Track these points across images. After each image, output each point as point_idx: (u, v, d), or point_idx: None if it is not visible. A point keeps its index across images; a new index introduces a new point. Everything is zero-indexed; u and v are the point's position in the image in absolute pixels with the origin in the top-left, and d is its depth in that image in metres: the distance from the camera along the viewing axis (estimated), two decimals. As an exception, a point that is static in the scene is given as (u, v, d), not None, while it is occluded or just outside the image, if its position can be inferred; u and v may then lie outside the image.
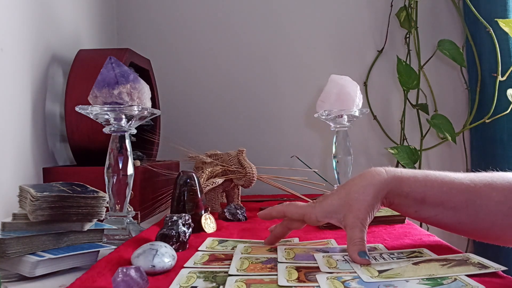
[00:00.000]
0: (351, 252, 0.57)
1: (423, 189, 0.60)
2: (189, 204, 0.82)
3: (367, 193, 0.59)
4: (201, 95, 1.50)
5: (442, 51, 1.37)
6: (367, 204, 0.59)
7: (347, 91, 0.97)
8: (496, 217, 0.58)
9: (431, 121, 1.37)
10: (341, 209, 0.61)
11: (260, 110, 1.50)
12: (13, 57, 0.90)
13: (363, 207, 0.59)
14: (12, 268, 0.57)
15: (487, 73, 1.34)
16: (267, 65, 1.50)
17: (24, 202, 0.62)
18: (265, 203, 1.11)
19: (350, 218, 0.59)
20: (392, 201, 0.62)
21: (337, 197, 0.62)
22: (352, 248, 0.57)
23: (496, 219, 0.58)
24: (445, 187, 0.60)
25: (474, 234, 0.64)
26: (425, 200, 0.60)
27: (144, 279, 0.48)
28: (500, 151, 1.30)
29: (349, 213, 0.59)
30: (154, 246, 0.57)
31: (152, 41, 1.49)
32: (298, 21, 1.50)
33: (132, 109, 0.74)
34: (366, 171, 0.62)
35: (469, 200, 0.59)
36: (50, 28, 1.07)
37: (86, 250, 0.61)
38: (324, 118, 0.99)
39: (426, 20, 1.47)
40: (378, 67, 1.49)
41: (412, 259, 0.57)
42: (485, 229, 0.60)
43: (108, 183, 0.76)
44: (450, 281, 0.47)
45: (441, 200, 0.60)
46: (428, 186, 0.60)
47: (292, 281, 0.49)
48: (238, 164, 1.00)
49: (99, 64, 0.78)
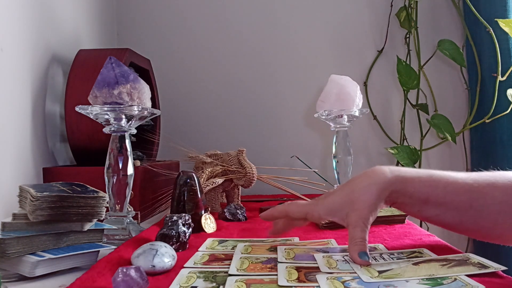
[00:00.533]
0: (351, 252, 0.57)
1: (427, 190, 0.60)
2: (189, 204, 0.82)
3: (371, 192, 0.59)
4: (201, 95, 1.50)
5: (442, 51, 1.37)
6: (370, 204, 0.59)
7: (347, 91, 0.97)
8: (499, 216, 0.58)
9: (431, 121, 1.37)
10: (344, 207, 0.60)
11: (260, 110, 1.50)
12: (13, 57, 0.90)
13: (366, 206, 0.58)
14: (12, 268, 0.57)
15: (487, 73, 1.33)
16: (267, 65, 1.50)
17: (24, 202, 0.62)
18: (265, 203, 1.11)
19: (352, 217, 0.59)
20: (395, 200, 0.61)
21: (340, 195, 0.61)
22: (353, 248, 0.57)
23: (498, 218, 0.58)
24: (449, 187, 0.60)
25: (475, 234, 0.64)
26: (428, 200, 0.60)
27: (144, 279, 0.48)
28: (500, 151, 1.30)
29: (352, 212, 0.59)
30: (154, 246, 0.57)
31: (152, 41, 1.49)
32: (298, 21, 1.50)
33: (132, 109, 0.74)
34: (369, 170, 0.62)
35: (472, 200, 0.59)
36: (50, 28, 1.07)
37: (86, 250, 0.61)
38: (324, 118, 0.99)
39: (426, 20, 1.47)
40: (378, 67, 1.49)
41: (412, 259, 0.57)
42: (487, 229, 0.60)
43: (108, 183, 0.76)
44: (450, 281, 0.47)
45: (444, 200, 0.60)
46: (432, 186, 0.60)
47: (292, 281, 0.49)
48: (238, 164, 1.00)
49: (99, 64, 0.78)
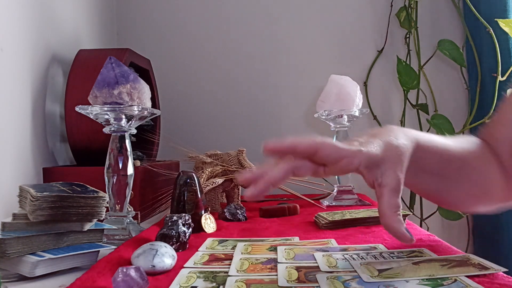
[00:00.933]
0: (394, 222, 0.47)
1: (430, 160, 0.55)
2: (189, 204, 0.82)
3: (407, 154, 0.50)
4: (201, 95, 1.50)
5: (442, 51, 1.37)
6: (404, 166, 0.50)
7: (347, 91, 0.97)
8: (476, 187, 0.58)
9: (431, 121, 1.37)
10: (383, 162, 0.49)
11: (260, 110, 1.50)
12: (13, 57, 0.90)
13: (403, 168, 0.49)
14: (12, 268, 0.57)
15: (487, 73, 1.33)
16: (267, 65, 1.50)
17: (24, 202, 0.62)
18: (265, 203, 1.11)
19: (393, 178, 0.48)
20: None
21: (381, 145, 0.49)
22: (395, 218, 0.47)
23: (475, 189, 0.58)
24: (444, 155, 0.56)
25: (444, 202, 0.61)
26: (425, 168, 0.56)
27: (144, 279, 0.48)
28: (500, 151, 1.30)
29: (393, 173, 0.48)
30: (154, 246, 0.57)
31: (152, 41, 1.49)
32: (298, 21, 1.50)
33: (132, 109, 0.74)
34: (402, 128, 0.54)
35: (460, 169, 0.57)
36: (50, 28, 1.07)
37: (86, 250, 0.61)
38: (324, 118, 0.99)
39: (426, 20, 1.47)
40: (378, 67, 1.49)
41: (412, 258, 0.57)
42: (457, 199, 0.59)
43: (108, 183, 0.76)
44: (450, 282, 0.47)
45: (437, 169, 0.57)
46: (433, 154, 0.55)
47: (292, 282, 0.49)
48: (238, 164, 1.00)
49: (99, 64, 0.78)
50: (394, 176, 0.48)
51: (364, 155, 0.47)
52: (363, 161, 0.47)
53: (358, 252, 0.60)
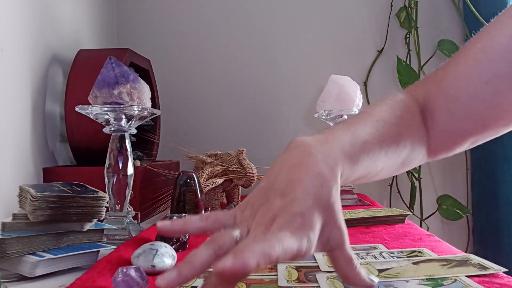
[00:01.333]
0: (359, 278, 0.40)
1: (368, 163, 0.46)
2: (189, 204, 0.82)
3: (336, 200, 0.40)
4: (201, 95, 1.50)
5: (442, 51, 1.37)
6: (340, 210, 0.40)
7: (347, 91, 0.97)
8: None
9: (431, 121, 1.37)
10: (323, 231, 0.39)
11: (260, 110, 1.50)
12: (13, 57, 0.90)
13: (340, 215, 0.40)
14: (12, 268, 0.57)
15: (487, 73, 1.33)
16: (267, 64, 1.50)
17: (24, 202, 0.62)
18: (265, 203, 1.11)
19: (338, 238, 0.40)
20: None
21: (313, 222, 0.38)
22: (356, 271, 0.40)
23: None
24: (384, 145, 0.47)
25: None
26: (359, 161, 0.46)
27: (144, 279, 0.48)
28: (499, 151, 1.30)
29: (335, 231, 0.40)
30: (154, 246, 0.57)
31: (152, 41, 1.49)
32: (298, 21, 1.50)
33: (132, 109, 0.74)
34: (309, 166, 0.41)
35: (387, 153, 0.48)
36: (50, 28, 1.07)
37: (86, 250, 0.61)
38: (324, 118, 0.99)
39: (426, 20, 1.47)
40: (378, 67, 1.49)
41: (412, 258, 0.57)
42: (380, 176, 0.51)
43: (108, 183, 0.76)
44: (450, 282, 0.47)
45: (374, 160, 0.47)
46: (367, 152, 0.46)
47: (292, 282, 0.49)
48: (238, 164, 1.00)
49: (99, 64, 0.78)
50: (339, 234, 0.40)
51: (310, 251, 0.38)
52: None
53: (358, 252, 0.60)
